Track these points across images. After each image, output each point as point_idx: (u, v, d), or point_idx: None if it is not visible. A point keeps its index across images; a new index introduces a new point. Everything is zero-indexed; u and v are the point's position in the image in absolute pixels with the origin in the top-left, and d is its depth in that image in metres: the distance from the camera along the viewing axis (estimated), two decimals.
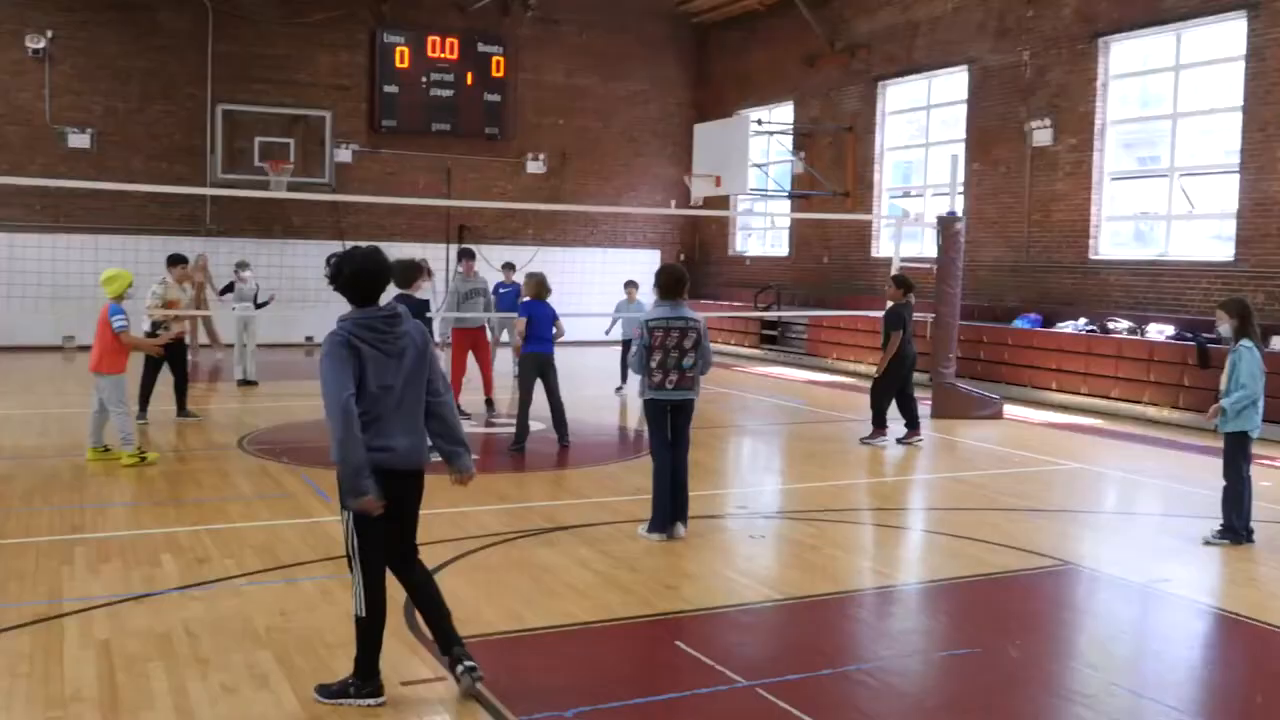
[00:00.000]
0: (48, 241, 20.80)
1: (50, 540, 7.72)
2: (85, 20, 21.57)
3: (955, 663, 5.69)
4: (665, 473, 7.93)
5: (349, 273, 5.01)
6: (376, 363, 4.92)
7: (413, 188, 23.91)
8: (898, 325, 12.42)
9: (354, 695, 4.97)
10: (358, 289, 5.02)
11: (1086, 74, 17.52)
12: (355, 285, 5.01)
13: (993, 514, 9.14)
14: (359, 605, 4.99)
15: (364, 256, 5.07)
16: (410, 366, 5.04)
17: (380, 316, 5.00)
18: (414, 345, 5.09)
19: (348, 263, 5.03)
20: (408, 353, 5.04)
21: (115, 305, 10.36)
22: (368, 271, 5.02)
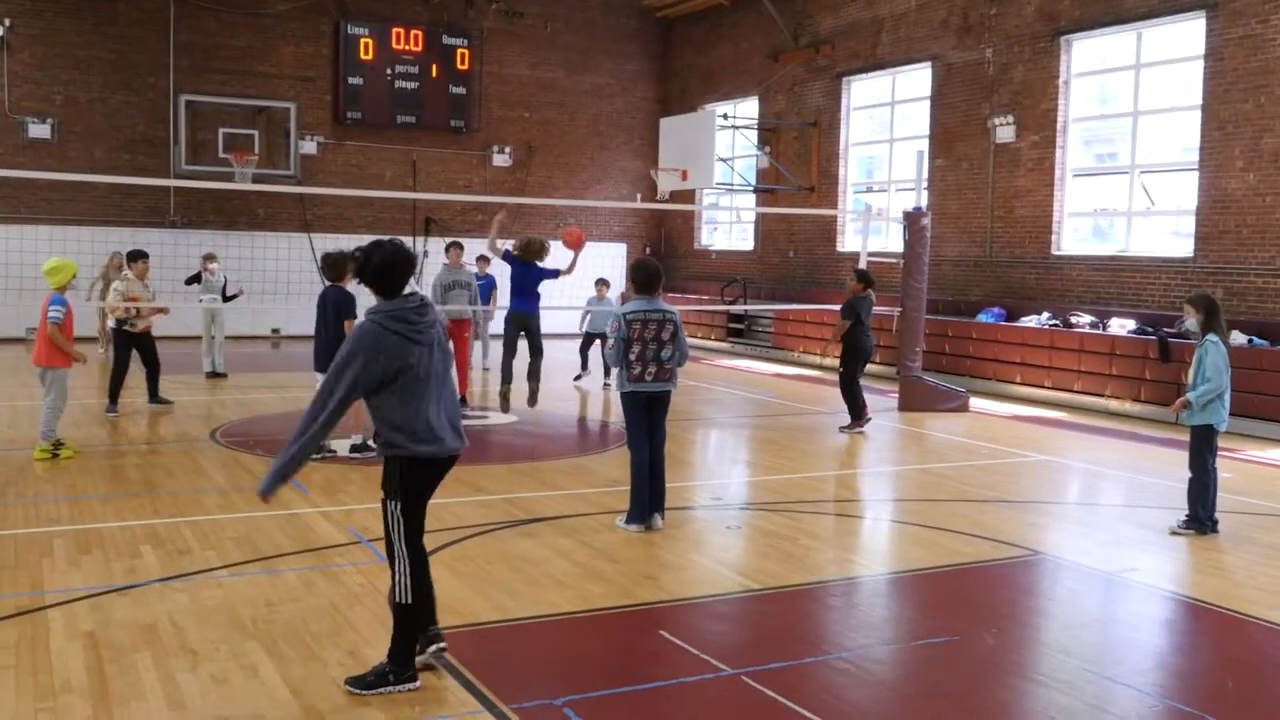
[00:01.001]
0: (12, 233, 20.55)
1: (27, 532, 7.69)
2: (43, 8, 21.32)
3: (933, 651, 5.81)
4: (644, 465, 8.01)
5: (378, 262, 5.13)
6: (409, 350, 5.04)
7: (378, 180, 23.86)
8: (849, 315, 12.92)
9: (393, 683, 5.02)
10: (387, 279, 5.13)
11: (1049, 71, 17.75)
12: (384, 275, 5.12)
13: (963, 505, 9.29)
14: (403, 593, 5.08)
15: (392, 247, 5.19)
16: (439, 354, 5.21)
17: (411, 308, 5.12)
18: (440, 335, 5.26)
19: (376, 253, 5.15)
20: (436, 342, 5.19)
21: (56, 296, 10.26)
22: (396, 262, 5.15)
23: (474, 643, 5.68)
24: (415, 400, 5.07)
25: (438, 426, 5.11)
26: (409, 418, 5.04)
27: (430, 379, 5.13)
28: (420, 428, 5.06)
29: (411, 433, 5.05)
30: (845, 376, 12.95)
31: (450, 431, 5.19)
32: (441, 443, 5.12)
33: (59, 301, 10.16)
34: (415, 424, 5.05)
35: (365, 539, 7.60)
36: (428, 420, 5.08)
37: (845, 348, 12.92)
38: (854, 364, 12.92)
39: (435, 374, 5.18)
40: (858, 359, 12.92)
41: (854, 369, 12.90)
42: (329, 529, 7.94)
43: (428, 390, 5.10)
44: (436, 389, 5.17)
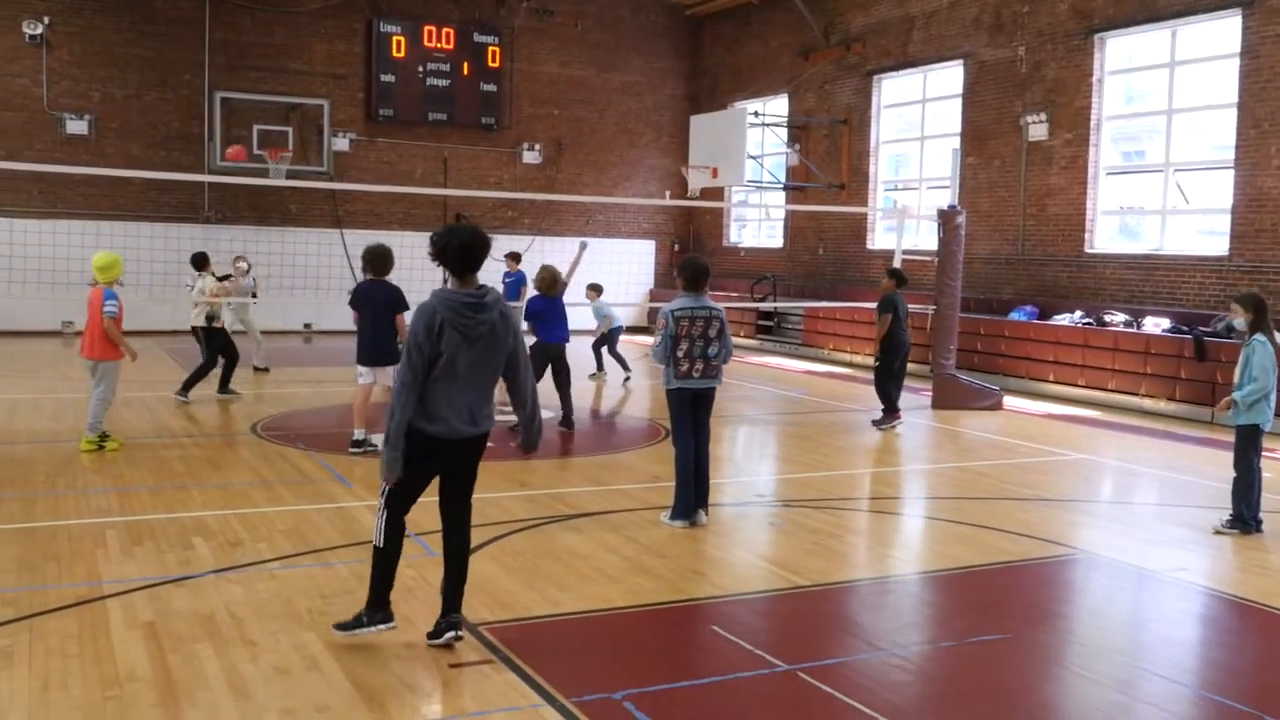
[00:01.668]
0: (46, 227, 20.73)
1: (80, 523, 7.79)
2: (82, 6, 21.51)
3: (986, 648, 5.82)
4: (689, 461, 8.05)
5: (458, 244, 5.35)
6: (451, 341, 5.25)
7: (409, 177, 23.97)
8: (888, 308, 12.87)
9: (366, 624, 5.49)
10: (463, 260, 5.35)
11: (1082, 69, 17.69)
12: (462, 257, 5.34)
13: (1003, 503, 9.29)
14: (377, 536, 5.54)
15: (472, 230, 5.44)
16: (484, 351, 5.37)
17: (468, 302, 5.31)
18: (496, 332, 5.39)
19: (455, 235, 5.38)
20: (485, 339, 5.35)
21: (110, 290, 10.36)
22: (474, 244, 5.37)
23: (529, 636, 5.73)
24: (441, 385, 5.30)
25: (449, 412, 5.33)
26: (427, 399, 5.30)
27: (463, 373, 5.32)
28: (431, 409, 5.31)
29: (422, 412, 5.31)
30: (881, 371, 12.95)
31: (462, 418, 5.38)
32: (445, 424, 5.34)
33: (113, 295, 10.27)
34: (430, 405, 5.31)
35: (413, 533, 7.65)
36: (444, 404, 5.31)
37: (885, 343, 12.94)
38: (891, 359, 12.92)
39: (472, 368, 5.35)
40: (895, 355, 12.94)
41: (891, 364, 12.90)
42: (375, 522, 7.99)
43: (456, 381, 5.31)
44: (466, 382, 5.36)
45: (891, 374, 12.96)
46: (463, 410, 5.38)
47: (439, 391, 5.31)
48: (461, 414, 5.38)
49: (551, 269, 11.84)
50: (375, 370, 10.44)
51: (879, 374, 13.05)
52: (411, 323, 5.32)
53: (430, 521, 7.58)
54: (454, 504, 5.63)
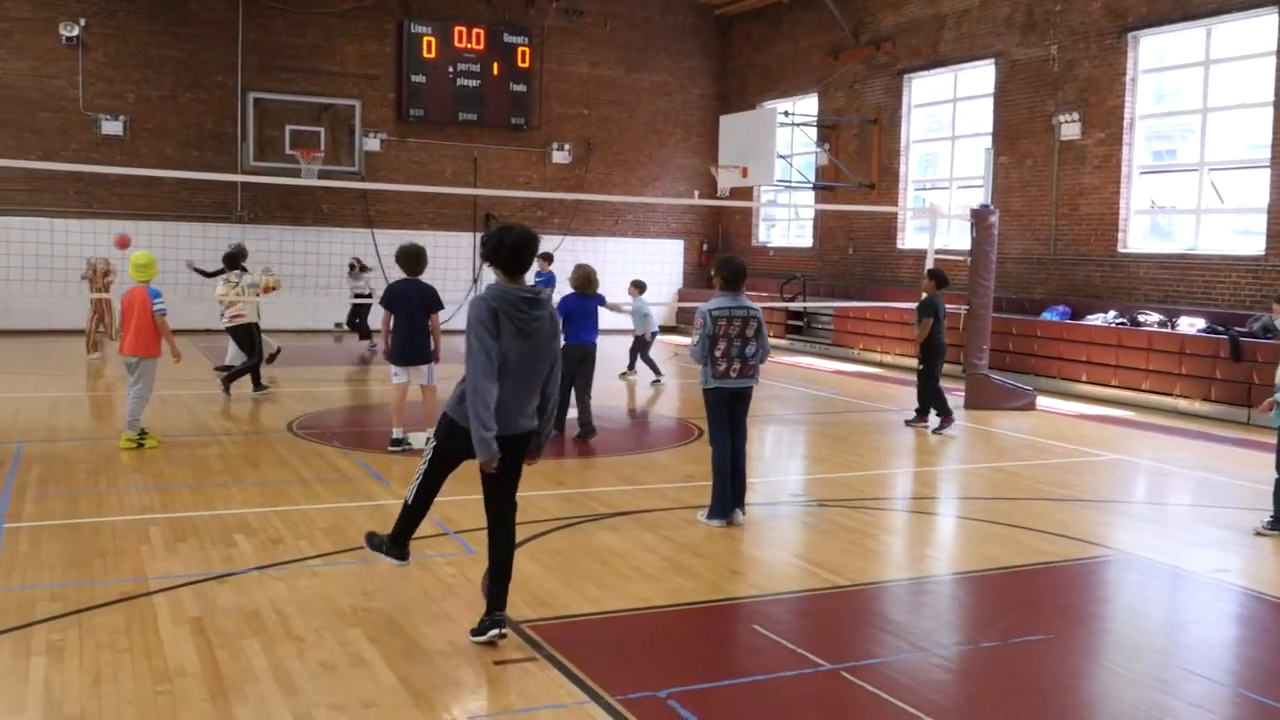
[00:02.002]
0: (83, 227, 20.99)
1: (123, 520, 7.88)
2: (117, 8, 21.71)
3: (1029, 649, 5.81)
4: (726, 460, 8.06)
5: (511, 243, 5.44)
6: (506, 335, 5.34)
7: (440, 177, 24.08)
8: (929, 312, 12.75)
9: (385, 553, 5.98)
10: (514, 260, 5.45)
11: (1115, 68, 17.60)
12: (513, 256, 5.43)
13: (1039, 503, 9.26)
14: (410, 494, 5.85)
15: (523, 231, 5.51)
16: (534, 347, 5.46)
17: (524, 297, 5.41)
18: (545, 330, 5.49)
19: (508, 235, 5.44)
20: (535, 336, 5.44)
21: (155, 290, 10.48)
22: (526, 244, 5.46)
23: (571, 634, 5.77)
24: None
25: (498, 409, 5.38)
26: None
27: (514, 370, 5.40)
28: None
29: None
30: (927, 375, 12.82)
31: (510, 416, 5.45)
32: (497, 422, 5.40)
33: (158, 294, 10.38)
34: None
35: (452, 531, 7.72)
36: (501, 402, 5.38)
37: (926, 346, 12.82)
38: (936, 362, 12.81)
39: (521, 365, 5.43)
40: (938, 357, 12.85)
41: (936, 368, 12.80)
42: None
43: (506, 378, 5.38)
44: (515, 379, 5.43)
45: (936, 377, 12.87)
46: (511, 407, 5.44)
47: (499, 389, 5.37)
48: (510, 411, 5.44)
49: (587, 268, 11.83)
50: (410, 370, 10.51)
51: (925, 378, 12.86)
52: (472, 314, 5.37)
53: (469, 520, 7.71)
54: (499, 502, 5.67)
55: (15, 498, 8.47)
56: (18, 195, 21.07)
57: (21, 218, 20.80)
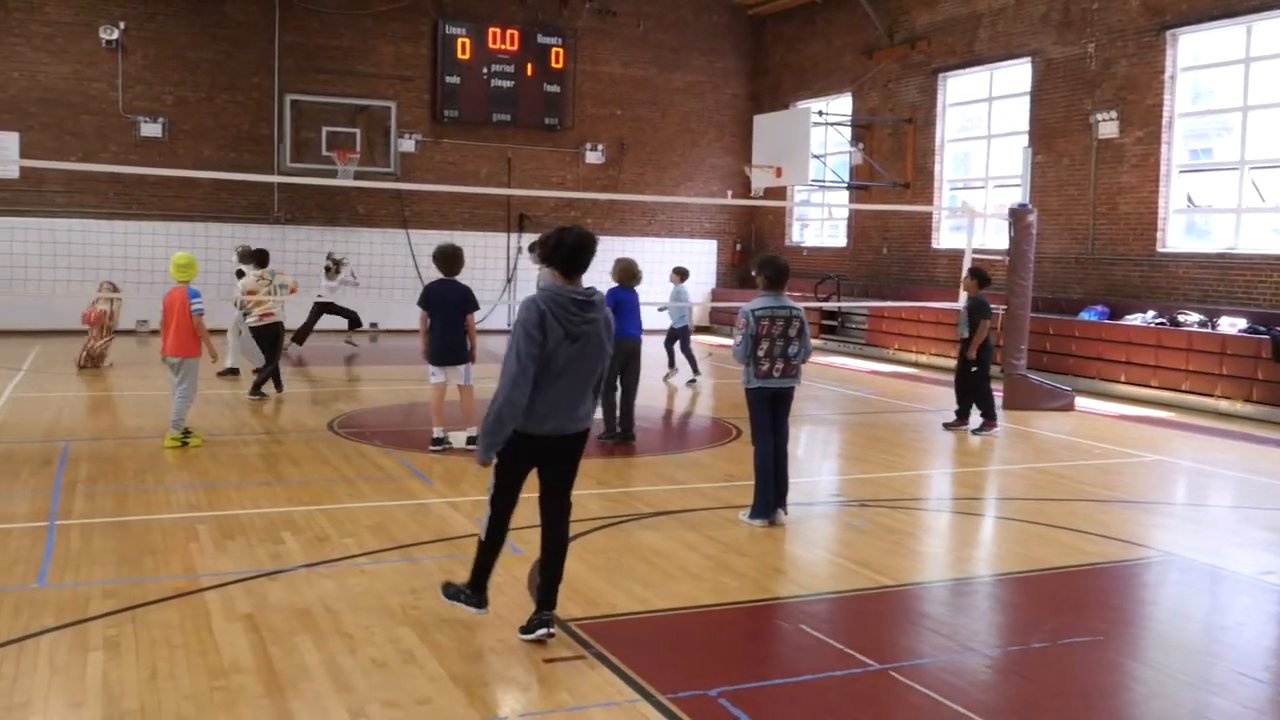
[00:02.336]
0: (121, 228, 21.21)
1: (171, 518, 7.97)
2: (156, 12, 21.92)
3: (1079, 650, 5.78)
4: (769, 460, 8.07)
5: (571, 243, 5.45)
6: (555, 337, 5.34)
7: (474, 177, 24.18)
8: (985, 313, 12.59)
9: (464, 601, 5.81)
10: (572, 261, 5.46)
11: (1154, 66, 17.47)
12: (572, 257, 5.44)
13: (1082, 505, 9.22)
14: (483, 531, 5.73)
15: (582, 232, 5.52)
16: (584, 350, 5.46)
17: (576, 300, 5.42)
18: (596, 333, 5.48)
19: (569, 234, 5.47)
20: (585, 339, 5.44)
21: (194, 290, 10.55)
22: (584, 245, 5.47)
23: (618, 632, 5.79)
24: (544, 383, 5.39)
25: (551, 410, 5.43)
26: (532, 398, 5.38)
27: (566, 371, 5.41)
28: (535, 407, 5.41)
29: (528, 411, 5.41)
30: (980, 375, 12.67)
31: (564, 416, 5.48)
32: (551, 423, 5.46)
33: (197, 294, 10.47)
34: (535, 404, 5.40)
35: None
36: (547, 401, 5.41)
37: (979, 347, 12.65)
38: (989, 363, 12.71)
39: (573, 366, 5.43)
40: (990, 357, 12.75)
41: (988, 368, 12.70)
42: (459, 519, 8.11)
43: (559, 379, 5.40)
44: (568, 379, 5.44)
45: (988, 376, 12.76)
46: (564, 407, 5.47)
47: (542, 389, 5.39)
48: (563, 411, 5.47)
49: (628, 260, 11.84)
50: (447, 370, 10.56)
51: (978, 379, 12.70)
52: (520, 317, 5.40)
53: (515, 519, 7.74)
54: (554, 502, 5.72)
55: (65, 495, 8.58)
56: (58, 197, 21.32)
57: (63, 219, 21.04)
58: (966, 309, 12.74)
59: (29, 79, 21.19)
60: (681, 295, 16.61)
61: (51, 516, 7.92)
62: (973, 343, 12.60)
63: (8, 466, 9.56)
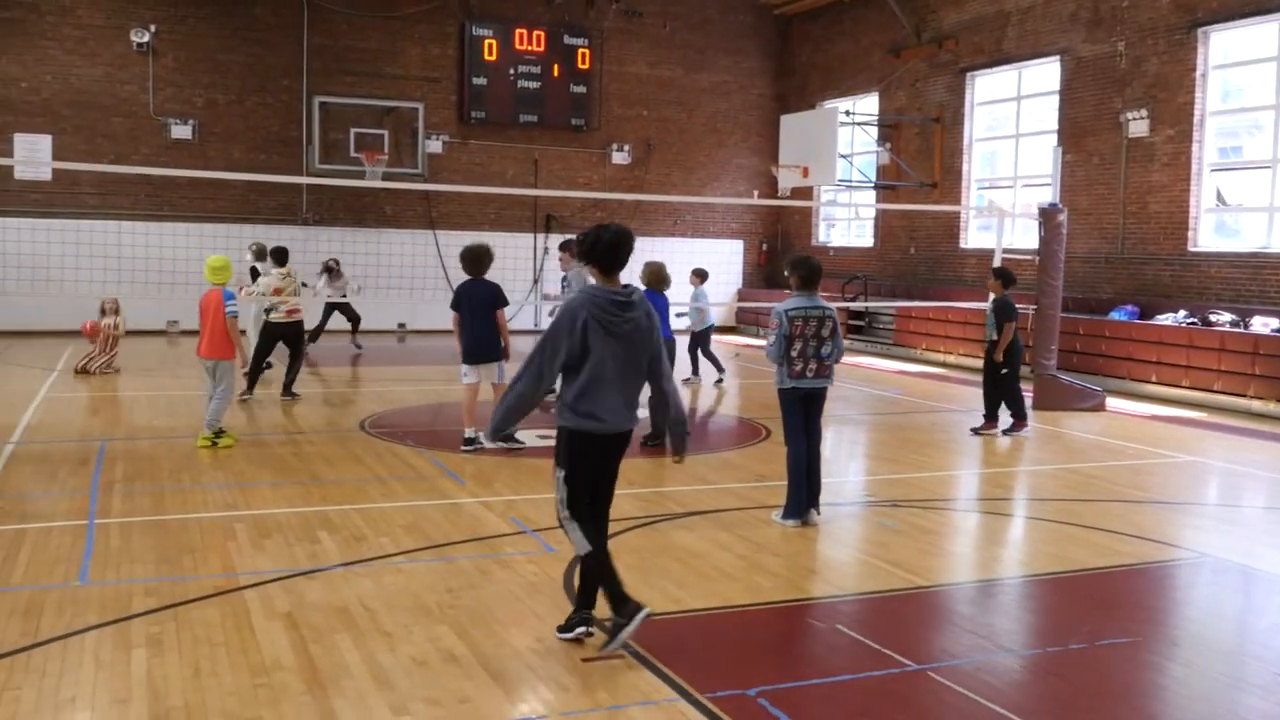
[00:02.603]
0: (152, 229, 21.41)
1: (209, 517, 8.05)
2: (186, 15, 22.08)
3: (1116, 651, 5.77)
4: (802, 460, 8.08)
5: (608, 240, 5.51)
6: (599, 338, 5.37)
7: (501, 178, 24.25)
8: (1012, 314, 12.45)
9: (626, 624, 5.42)
10: (610, 257, 5.51)
11: (1185, 64, 17.36)
12: (609, 254, 5.50)
13: (1115, 505, 9.18)
14: (581, 545, 5.53)
15: (619, 229, 5.59)
16: (628, 347, 5.49)
17: (615, 300, 5.44)
18: (639, 330, 5.51)
19: (605, 232, 5.53)
20: (628, 337, 5.47)
21: (229, 292, 10.66)
22: (622, 242, 5.53)
23: (655, 632, 5.79)
24: (594, 384, 5.41)
25: (605, 408, 5.44)
26: (582, 396, 5.41)
27: (613, 370, 5.43)
28: (587, 408, 5.42)
29: (582, 411, 5.43)
30: (1011, 377, 12.54)
31: (615, 415, 5.49)
32: (599, 420, 5.45)
33: (232, 296, 10.57)
34: (586, 404, 5.42)
35: (530, 529, 7.80)
36: (600, 402, 5.43)
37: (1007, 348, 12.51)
38: (1018, 364, 12.60)
39: (617, 365, 5.45)
40: (1019, 358, 12.65)
41: (1018, 369, 12.60)
42: (492, 519, 8.15)
43: (608, 379, 5.42)
44: (616, 378, 5.45)
45: (1018, 378, 12.67)
46: (615, 407, 5.49)
47: (594, 389, 5.41)
48: (615, 410, 5.49)
49: (657, 264, 11.88)
50: (480, 368, 10.62)
51: (1008, 380, 12.58)
52: (555, 318, 5.45)
53: (546, 518, 7.79)
54: (603, 505, 5.72)
55: (103, 494, 8.68)
56: (90, 198, 21.51)
57: (95, 220, 21.23)
58: (992, 310, 12.62)
59: (61, 82, 21.39)
60: (701, 297, 16.59)
61: (91, 515, 8.01)
62: (1000, 344, 12.48)
63: (45, 466, 9.67)
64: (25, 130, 21.04)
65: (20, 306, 15.35)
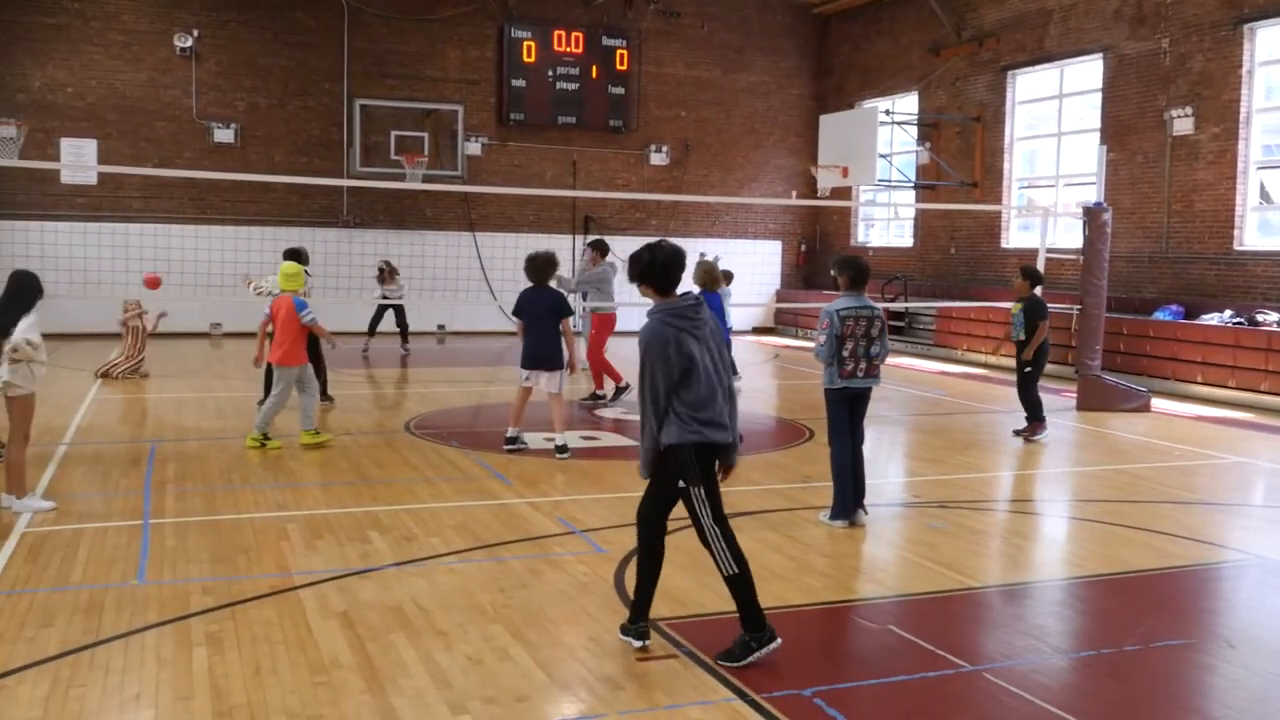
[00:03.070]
0: (195, 232, 21.65)
1: (261, 517, 8.13)
2: (228, 19, 22.30)
3: (1171, 653, 5.74)
4: (846, 461, 8.06)
5: (662, 260, 5.46)
6: (695, 347, 5.37)
7: (539, 179, 24.33)
8: (1043, 314, 12.21)
9: (758, 648, 5.37)
10: (665, 277, 5.47)
11: (1230, 61, 17.19)
12: (664, 273, 5.46)
13: (1165, 506, 9.11)
14: (728, 565, 5.46)
15: (671, 248, 5.53)
16: (716, 348, 5.51)
17: (688, 306, 5.45)
18: (713, 329, 5.53)
19: (660, 252, 5.48)
20: (712, 339, 5.50)
21: (301, 300, 10.78)
22: (674, 261, 5.49)
23: (710, 632, 5.81)
24: (706, 390, 5.39)
25: (722, 415, 5.45)
26: (701, 406, 5.36)
27: (714, 371, 5.45)
28: (711, 416, 5.39)
29: (707, 421, 5.38)
30: (1033, 378, 12.34)
31: (729, 421, 5.51)
32: (722, 429, 5.46)
33: (305, 304, 10.71)
34: (709, 412, 5.38)
35: (579, 530, 7.83)
36: (719, 409, 5.41)
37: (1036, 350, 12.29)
38: (1044, 365, 12.43)
39: (714, 368, 5.47)
40: (1045, 359, 12.45)
41: (1043, 370, 12.44)
42: (540, 519, 8.19)
43: (714, 381, 5.42)
44: (720, 381, 5.47)
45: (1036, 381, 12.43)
46: (726, 413, 5.49)
47: (709, 398, 5.38)
48: (728, 417, 5.50)
49: (711, 263, 11.90)
50: (538, 374, 10.56)
51: (1029, 381, 12.36)
52: (648, 347, 5.36)
53: (593, 519, 7.85)
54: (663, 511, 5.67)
55: (155, 494, 8.79)
56: (135, 202, 21.77)
57: (139, 224, 21.48)
58: (1022, 311, 12.24)
59: (106, 87, 21.66)
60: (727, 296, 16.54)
61: (145, 515, 8.12)
62: (1032, 344, 12.18)
63: (98, 467, 9.80)
64: (71, 135, 21.33)
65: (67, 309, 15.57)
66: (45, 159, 20.40)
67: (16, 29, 21.05)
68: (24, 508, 8.05)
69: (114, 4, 21.66)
